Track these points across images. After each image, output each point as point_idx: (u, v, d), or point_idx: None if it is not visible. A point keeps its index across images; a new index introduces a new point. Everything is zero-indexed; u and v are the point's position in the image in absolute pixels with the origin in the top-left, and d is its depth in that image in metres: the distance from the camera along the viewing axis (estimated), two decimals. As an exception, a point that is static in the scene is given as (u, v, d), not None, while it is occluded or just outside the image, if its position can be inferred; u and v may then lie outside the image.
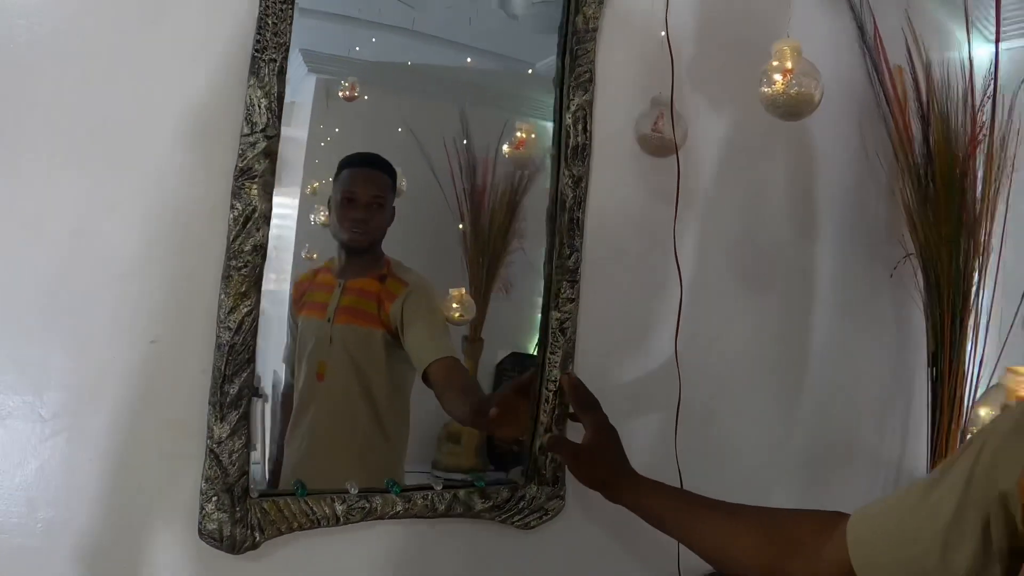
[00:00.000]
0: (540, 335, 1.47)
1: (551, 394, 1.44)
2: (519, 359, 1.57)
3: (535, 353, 1.47)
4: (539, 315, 1.47)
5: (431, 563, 1.34)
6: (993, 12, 2.22)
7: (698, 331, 1.60)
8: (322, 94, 1.36)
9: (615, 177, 1.51)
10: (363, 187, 1.33)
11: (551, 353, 1.45)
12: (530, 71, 1.59)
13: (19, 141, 1.02)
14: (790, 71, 1.33)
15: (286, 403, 1.32)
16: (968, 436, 1.88)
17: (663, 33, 1.52)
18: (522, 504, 1.42)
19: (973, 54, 2.06)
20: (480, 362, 1.51)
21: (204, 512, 1.09)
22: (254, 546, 1.12)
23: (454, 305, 1.45)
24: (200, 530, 1.09)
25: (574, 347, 1.46)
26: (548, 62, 1.52)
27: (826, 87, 1.43)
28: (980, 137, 1.88)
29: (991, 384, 1.83)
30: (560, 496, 1.45)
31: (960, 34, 2.14)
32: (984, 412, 1.45)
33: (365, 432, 1.39)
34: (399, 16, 1.41)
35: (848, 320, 1.96)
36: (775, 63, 1.37)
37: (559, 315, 1.45)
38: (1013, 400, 1.45)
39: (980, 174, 1.93)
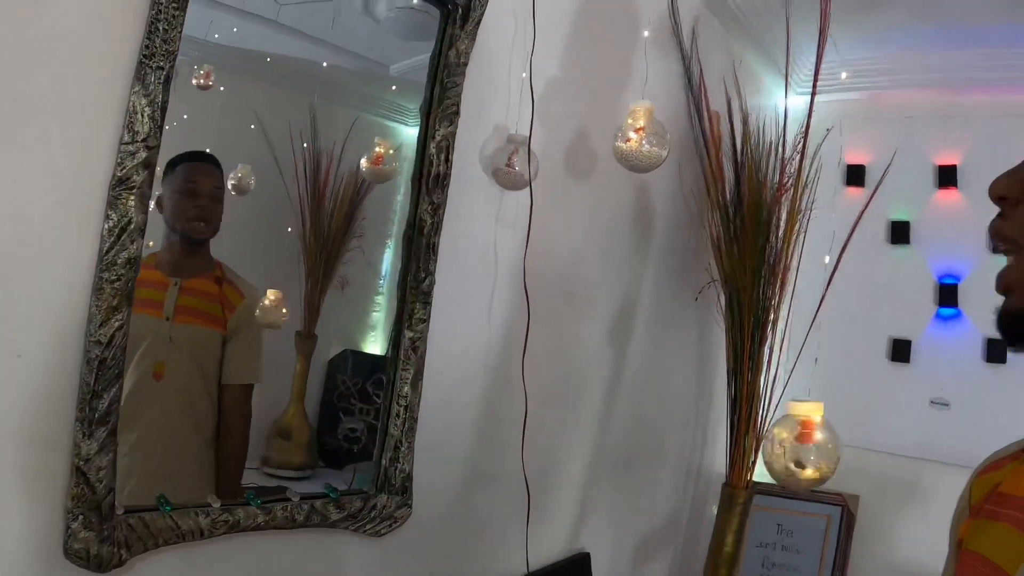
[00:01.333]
0: (391, 352, 1.54)
1: (401, 408, 1.52)
2: (352, 356, 1.62)
3: (367, 351, 1.53)
4: (374, 313, 1.53)
5: (292, 573, 1.39)
6: (809, 67, 2.52)
7: (536, 348, 1.74)
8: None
9: (469, 206, 1.61)
10: (204, 179, 1.32)
11: (403, 370, 1.53)
12: (389, 71, 1.62)
13: None
14: (642, 129, 1.47)
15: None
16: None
17: (524, 75, 1.63)
18: (373, 513, 1.49)
19: (788, 104, 2.33)
20: (312, 358, 1.53)
21: (70, 531, 1.06)
22: (120, 563, 1.11)
23: (266, 303, 1.42)
24: (66, 550, 1.06)
25: (424, 365, 1.54)
26: (402, 65, 1.59)
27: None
28: (787, 186, 2.14)
29: (780, 404, 2.11)
30: (408, 504, 1.53)
31: (778, 86, 2.41)
32: (785, 434, 1.68)
33: (207, 432, 1.38)
34: (264, 6, 1.38)
35: (659, 337, 2.19)
36: (630, 121, 1.52)
37: (412, 334, 1.53)
38: (797, 425, 1.70)
39: (783, 215, 2.20)
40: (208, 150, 1.34)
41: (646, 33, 1.89)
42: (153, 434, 1.29)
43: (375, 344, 1.65)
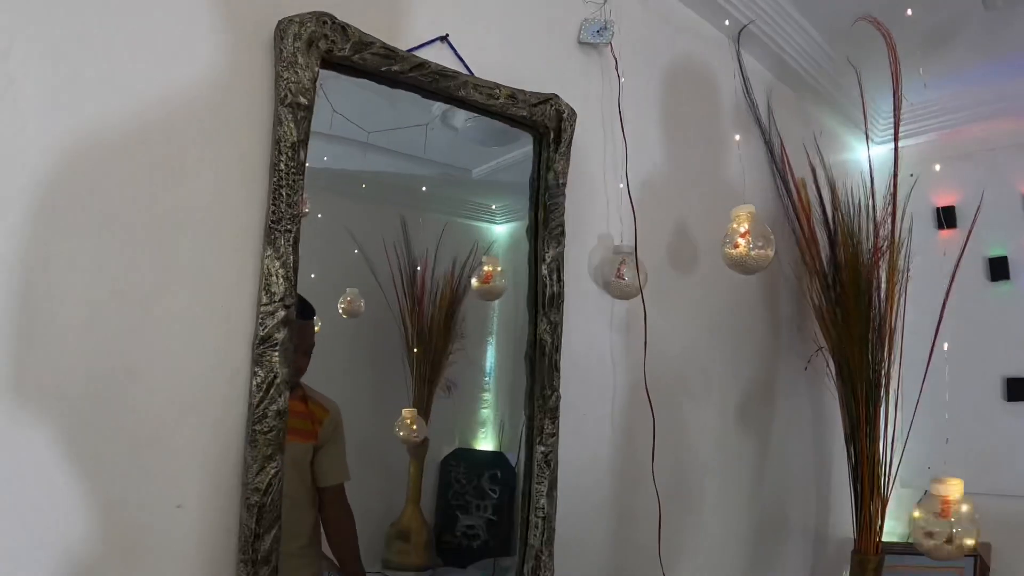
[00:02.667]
0: (526, 468, 1.60)
1: (539, 520, 1.57)
2: (464, 454, 1.67)
3: (479, 448, 1.58)
4: (482, 410, 1.58)
5: None
6: (884, 117, 2.52)
7: (660, 445, 1.78)
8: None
9: (584, 319, 1.67)
10: (305, 337, 1.36)
11: (537, 483, 1.58)
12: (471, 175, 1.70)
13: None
14: (748, 234, 1.53)
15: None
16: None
17: (621, 185, 1.70)
18: (520, 619, 1.54)
19: (872, 155, 2.33)
20: (426, 459, 1.58)
21: None
22: None
23: (407, 422, 1.51)
24: None
25: (557, 476, 1.60)
26: (483, 169, 1.67)
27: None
28: (883, 248, 2.15)
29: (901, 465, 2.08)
30: (551, 609, 1.58)
31: (858, 140, 2.42)
32: (919, 514, 1.68)
33: (315, 534, 1.41)
34: (350, 129, 1.46)
35: (774, 411, 2.21)
36: (735, 226, 1.58)
37: (544, 448, 1.59)
38: (939, 506, 1.68)
39: (883, 276, 2.20)
40: (308, 299, 1.36)
41: (737, 137, 1.94)
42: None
43: (486, 441, 1.71)
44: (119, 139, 1.05)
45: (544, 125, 1.61)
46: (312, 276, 1.37)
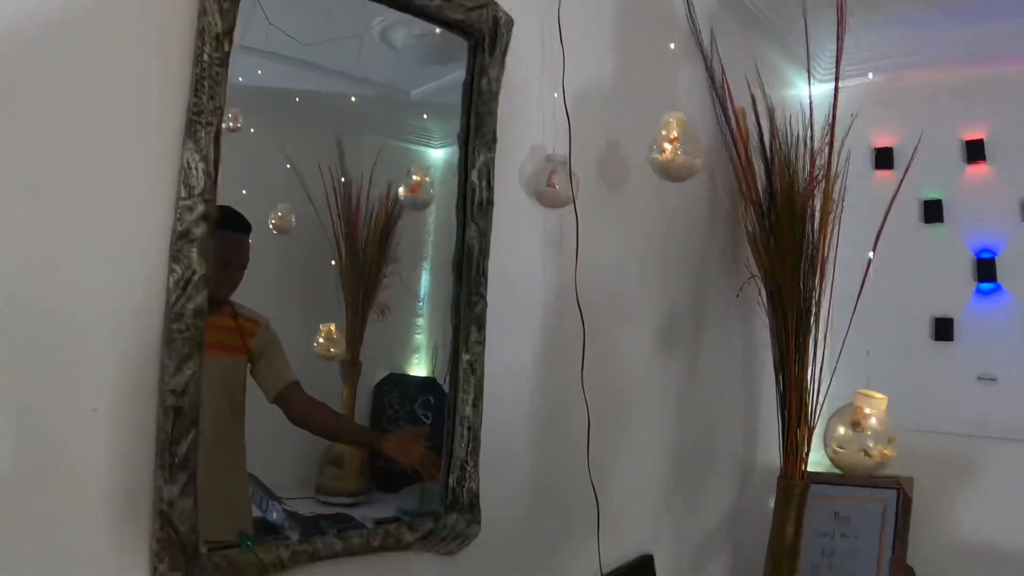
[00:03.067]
0: (451, 377, 1.58)
1: (464, 429, 1.56)
2: (397, 379, 1.66)
3: (412, 373, 1.58)
4: (416, 336, 1.58)
5: None
6: (830, 55, 2.51)
7: (591, 361, 1.77)
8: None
9: (514, 228, 1.64)
10: (237, 254, 1.35)
11: (463, 392, 1.57)
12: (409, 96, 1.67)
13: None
14: (676, 140, 1.51)
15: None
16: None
17: (556, 95, 1.67)
18: (444, 532, 1.53)
19: (812, 93, 2.33)
20: (359, 384, 1.57)
21: (158, 573, 1.11)
22: None
23: (321, 340, 1.50)
24: (156, 592, 1.11)
25: (483, 386, 1.58)
26: (423, 90, 1.64)
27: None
28: (819, 177, 2.16)
29: (828, 395, 2.12)
30: (477, 522, 1.57)
31: (800, 76, 2.42)
32: (842, 430, 1.70)
33: (242, 462, 1.41)
34: (286, 45, 1.42)
35: (704, 337, 2.22)
36: (664, 132, 1.55)
37: (469, 356, 1.57)
38: (860, 419, 1.72)
39: (818, 205, 2.21)
40: (240, 211, 1.34)
41: (672, 46, 1.92)
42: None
43: (420, 367, 1.69)
44: (36, 31, 0.99)
45: (480, 30, 1.57)
46: (244, 192, 1.35)
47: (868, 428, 1.69)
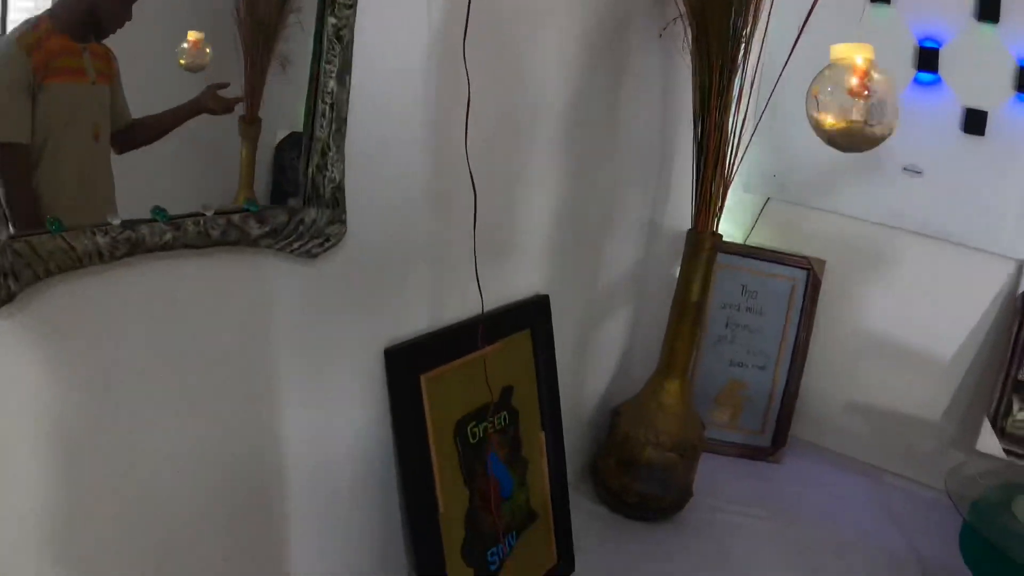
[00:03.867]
0: (314, 45, 1.34)
1: (327, 107, 1.34)
2: (299, 139, 1.45)
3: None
4: None
5: (207, 299, 1.23)
6: None
7: (479, 37, 1.54)
8: None
9: None
10: None
11: (327, 63, 1.33)
12: None
13: None
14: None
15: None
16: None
17: None
18: (301, 229, 1.34)
19: None
20: (259, 143, 1.38)
21: None
22: (9, 298, 0.95)
23: (192, 48, 1.28)
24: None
25: (351, 58, 1.35)
26: None
27: None
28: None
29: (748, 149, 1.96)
30: (341, 220, 1.38)
31: None
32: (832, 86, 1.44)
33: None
34: None
35: (619, 73, 2.00)
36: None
37: (335, 21, 1.32)
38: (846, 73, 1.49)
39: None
40: None
41: None
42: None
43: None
44: None
45: None
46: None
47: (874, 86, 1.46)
